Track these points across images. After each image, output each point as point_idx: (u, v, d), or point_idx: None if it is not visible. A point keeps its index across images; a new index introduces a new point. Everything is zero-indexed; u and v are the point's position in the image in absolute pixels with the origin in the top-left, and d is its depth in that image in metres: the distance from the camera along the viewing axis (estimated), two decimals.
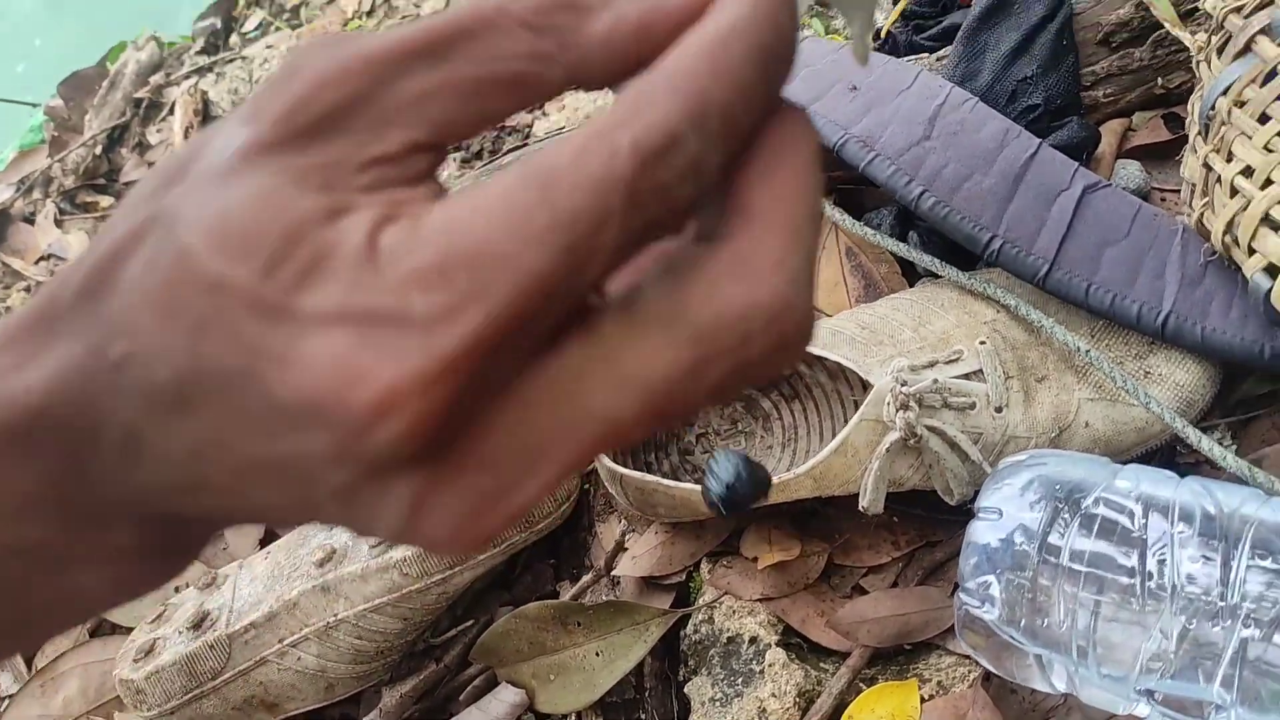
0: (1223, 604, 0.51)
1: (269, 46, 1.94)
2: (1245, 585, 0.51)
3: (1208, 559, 0.53)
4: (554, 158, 0.19)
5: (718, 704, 0.65)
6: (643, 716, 0.69)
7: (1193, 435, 0.58)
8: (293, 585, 0.72)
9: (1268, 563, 0.52)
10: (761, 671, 0.64)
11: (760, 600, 0.67)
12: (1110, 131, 0.73)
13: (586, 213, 0.18)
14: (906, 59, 0.77)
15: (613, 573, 0.72)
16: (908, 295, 0.69)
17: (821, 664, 0.65)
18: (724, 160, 0.20)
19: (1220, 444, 0.64)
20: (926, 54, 0.78)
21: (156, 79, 2.01)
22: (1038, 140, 0.67)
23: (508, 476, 0.19)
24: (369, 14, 1.88)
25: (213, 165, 0.19)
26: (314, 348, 0.18)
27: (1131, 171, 0.71)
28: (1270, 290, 0.55)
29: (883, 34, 0.83)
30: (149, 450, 0.20)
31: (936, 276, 0.69)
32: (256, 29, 2.07)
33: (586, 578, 0.72)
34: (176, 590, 0.81)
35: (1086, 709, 0.59)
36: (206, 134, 0.21)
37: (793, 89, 0.71)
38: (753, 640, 0.66)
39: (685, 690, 0.67)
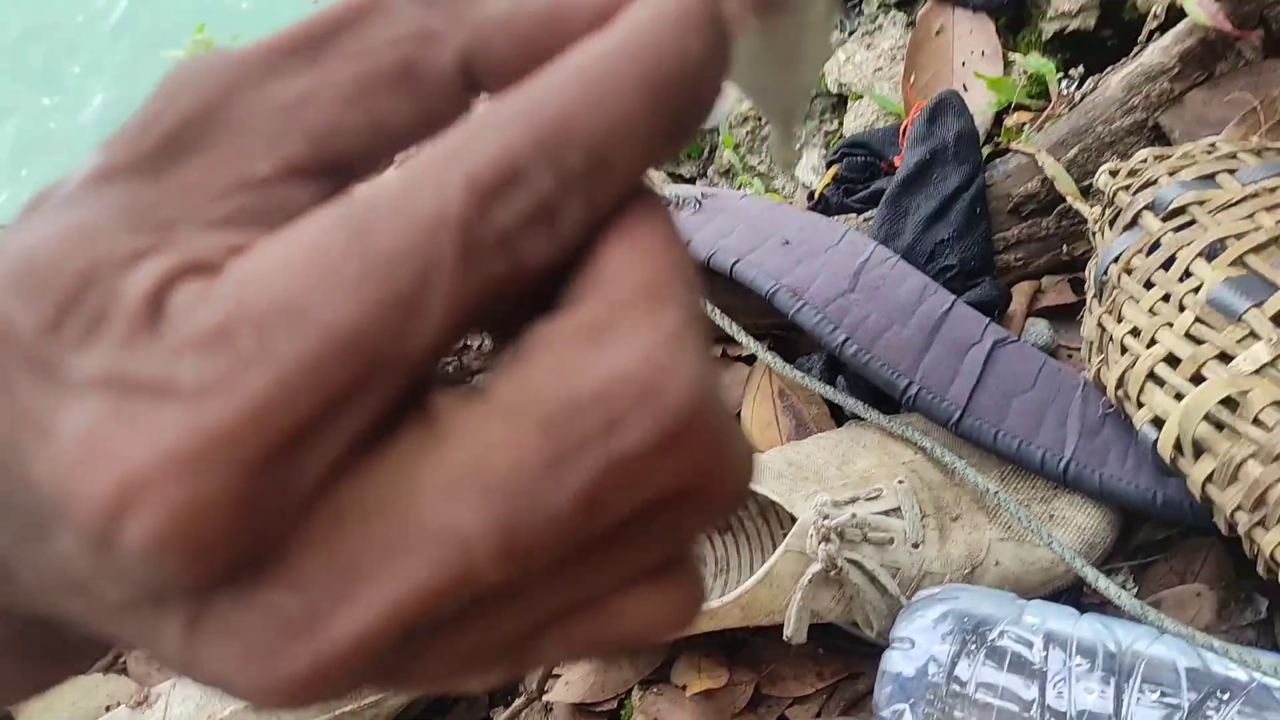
0: None
1: None
2: (1135, 717, 0.54)
3: (1102, 692, 0.56)
4: (373, 193, 0.15)
5: None
6: None
7: (1091, 576, 0.62)
8: (225, 704, 0.73)
9: (1156, 695, 0.55)
10: None
11: None
12: (1021, 292, 0.79)
13: (407, 259, 0.15)
14: (836, 218, 0.83)
15: (545, 698, 0.74)
16: (834, 435, 0.74)
17: None
18: (589, 212, 0.16)
19: (1123, 586, 0.68)
20: (854, 214, 0.84)
21: None
22: (953, 297, 0.73)
23: (318, 601, 0.15)
24: None
25: (56, 195, 0.16)
26: (68, 419, 0.14)
27: (1040, 329, 0.77)
28: (1157, 440, 0.59)
29: (816, 195, 0.90)
30: None
31: (861, 419, 0.74)
32: None
33: (518, 702, 0.74)
34: (108, 709, 0.81)
35: None
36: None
37: (730, 241, 0.77)
38: None
39: None
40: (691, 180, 1.13)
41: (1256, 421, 0.55)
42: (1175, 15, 0.79)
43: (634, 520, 0.16)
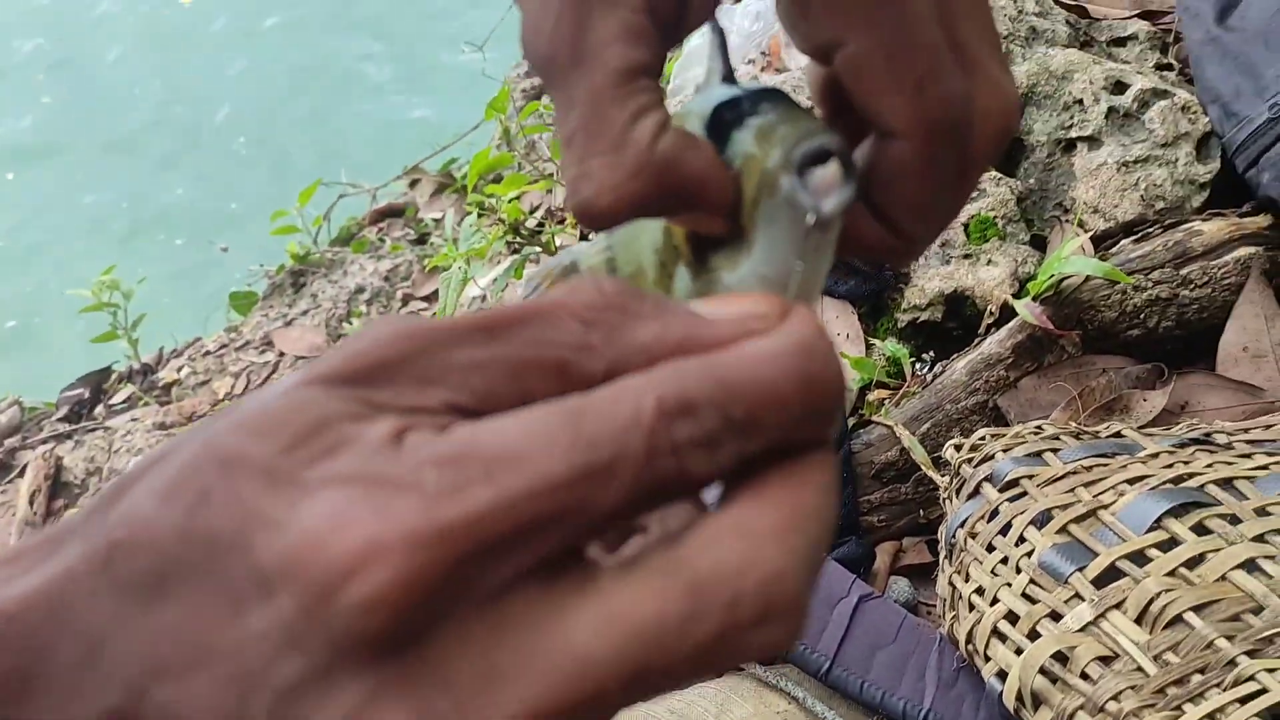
0: None
1: (134, 419, 2.02)
2: None
3: None
4: (585, 397, 0.20)
5: None
6: None
7: None
8: None
9: None
10: None
11: None
12: (884, 551, 0.87)
13: (608, 443, 0.19)
14: None
15: None
16: (714, 684, 0.78)
17: None
18: (740, 452, 0.20)
19: None
20: None
21: (12, 442, 2.04)
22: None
23: (466, 700, 0.18)
24: (240, 396, 1.99)
25: (259, 395, 0.21)
26: (310, 507, 0.18)
27: (901, 586, 0.84)
28: (1001, 693, 0.66)
29: None
30: (104, 662, 0.19)
31: (740, 668, 0.78)
32: (124, 402, 2.14)
33: None
34: None
35: None
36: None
37: None
38: None
39: None
40: None
41: (1084, 675, 0.61)
42: (1009, 313, 0.92)
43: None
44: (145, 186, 3.50)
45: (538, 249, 1.35)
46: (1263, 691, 0.56)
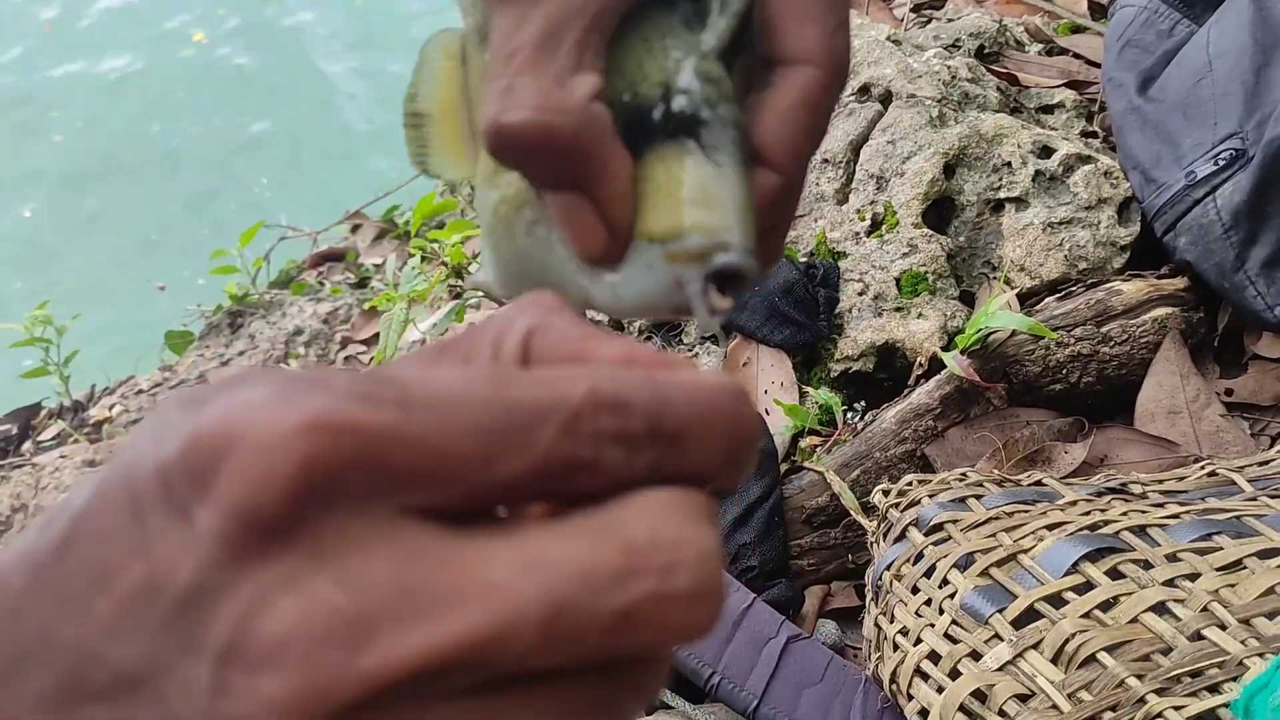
0: None
1: (62, 456, 1.98)
2: None
3: None
4: (522, 372, 0.21)
5: None
6: None
7: None
8: None
9: None
10: None
11: None
12: (813, 595, 0.88)
13: (529, 410, 0.19)
14: None
15: None
16: None
17: None
18: (657, 467, 0.20)
19: None
20: None
21: None
22: (753, 595, 0.81)
23: (367, 602, 0.18)
24: None
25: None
26: (216, 402, 0.19)
27: (829, 629, 0.85)
28: None
29: None
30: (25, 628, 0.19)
31: (670, 706, 0.79)
32: (53, 439, 2.10)
33: None
34: None
35: None
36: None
37: None
38: None
39: None
40: None
41: (1001, 713, 0.63)
42: (937, 365, 0.95)
43: (629, 650, 0.20)
44: (80, 220, 3.46)
45: (479, 294, 1.36)
46: None
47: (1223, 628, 0.63)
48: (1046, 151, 1.03)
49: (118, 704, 0.19)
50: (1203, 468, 0.81)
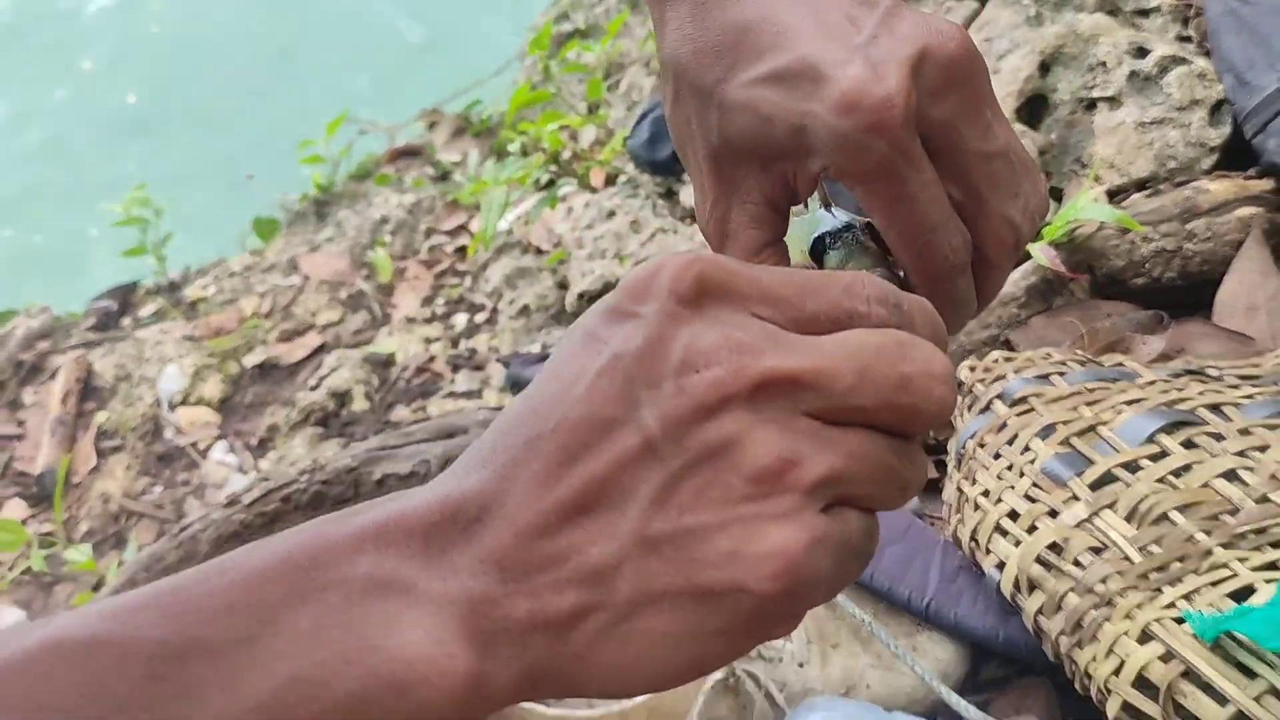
0: None
1: (163, 331, 2.08)
2: None
3: None
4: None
5: None
6: None
7: (950, 697, 0.74)
8: None
9: None
10: None
11: None
12: None
13: (819, 281, 0.31)
14: None
15: None
16: None
17: None
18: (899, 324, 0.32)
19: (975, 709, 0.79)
20: None
21: (43, 346, 2.10)
22: None
23: (758, 343, 0.29)
24: (266, 316, 2.06)
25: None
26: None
27: None
28: (999, 582, 0.73)
29: None
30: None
31: None
32: (151, 316, 2.21)
33: None
34: None
35: None
36: None
37: None
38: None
39: None
40: None
41: (1075, 563, 0.69)
42: (1025, 255, 0.99)
43: None
44: (177, 109, 3.54)
45: (573, 182, 1.41)
46: (1233, 577, 0.63)
47: None
48: (1141, 52, 1.05)
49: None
50: (1278, 355, 0.85)
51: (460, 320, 1.78)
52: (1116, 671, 0.63)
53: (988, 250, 0.37)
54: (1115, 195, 1.01)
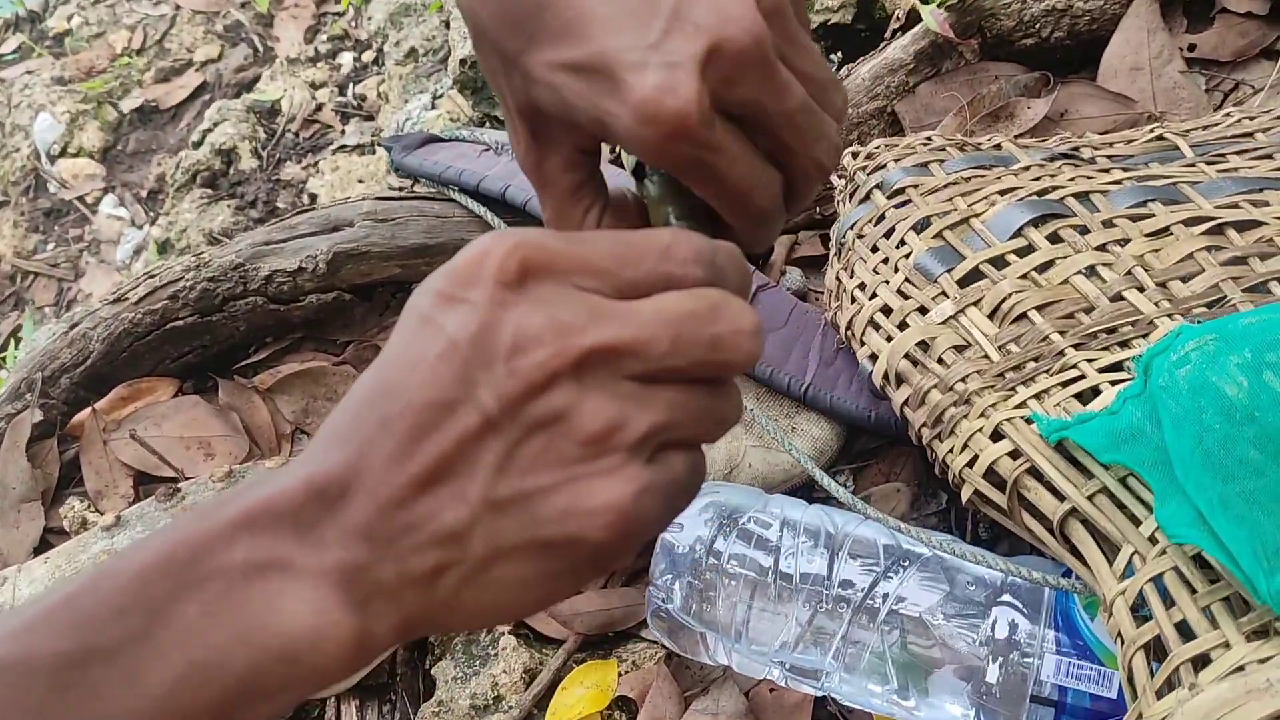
0: (829, 593, 0.72)
1: (29, 73, 1.95)
2: (842, 577, 0.72)
3: (821, 561, 0.74)
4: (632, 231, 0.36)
5: (458, 681, 0.80)
6: (393, 697, 0.84)
7: (820, 477, 0.80)
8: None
9: (859, 563, 0.73)
10: (496, 654, 0.80)
11: None
12: (782, 244, 0.95)
13: (636, 246, 0.34)
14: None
15: None
16: None
17: (544, 649, 0.82)
18: (711, 282, 0.35)
19: (843, 484, 0.86)
20: None
21: None
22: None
23: (579, 322, 0.32)
24: (138, 52, 1.93)
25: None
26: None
27: (794, 276, 0.93)
28: (871, 372, 0.77)
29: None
30: None
31: None
32: (14, 52, 2.06)
33: None
34: None
35: (737, 676, 0.78)
36: None
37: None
38: (489, 630, 0.82)
39: (432, 672, 0.82)
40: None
41: (940, 360, 0.72)
42: (914, 18, 0.96)
43: None
44: None
45: None
46: (1081, 378, 0.67)
47: (1141, 290, 0.71)
48: None
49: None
50: (1151, 130, 0.86)
51: (346, 60, 1.69)
52: (970, 464, 0.68)
53: (798, 187, 0.40)
54: None
